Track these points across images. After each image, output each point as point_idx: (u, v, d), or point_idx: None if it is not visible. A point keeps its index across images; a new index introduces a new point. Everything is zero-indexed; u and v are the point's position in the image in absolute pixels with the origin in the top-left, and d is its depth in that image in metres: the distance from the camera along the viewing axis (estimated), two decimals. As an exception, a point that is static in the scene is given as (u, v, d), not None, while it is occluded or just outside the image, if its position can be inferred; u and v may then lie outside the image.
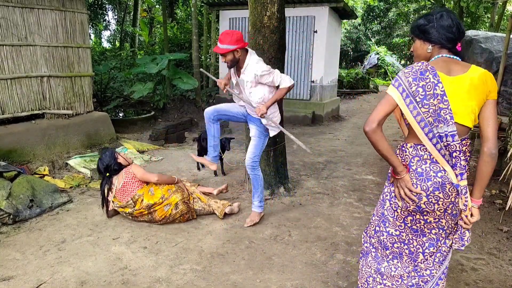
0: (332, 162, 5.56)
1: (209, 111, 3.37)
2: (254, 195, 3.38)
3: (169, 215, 3.30)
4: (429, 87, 1.55)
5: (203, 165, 5.08)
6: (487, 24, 13.16)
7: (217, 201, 3.58)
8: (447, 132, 1.57)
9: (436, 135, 1.58)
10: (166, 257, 2.82)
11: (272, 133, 3.30)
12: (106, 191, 3.39)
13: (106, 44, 21.60)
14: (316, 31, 8.67)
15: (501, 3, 9.80)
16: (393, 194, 1.75)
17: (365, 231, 1.99)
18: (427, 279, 1.80)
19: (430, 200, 1.63)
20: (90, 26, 16.14)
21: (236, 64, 3.07)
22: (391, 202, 1.77)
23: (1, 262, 2.71)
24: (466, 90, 1.57)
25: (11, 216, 3.28)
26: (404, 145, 1.72)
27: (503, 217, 3.59)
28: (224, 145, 4.68)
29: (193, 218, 3.46)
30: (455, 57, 1.65)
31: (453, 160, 1.61)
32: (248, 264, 2.75)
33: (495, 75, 4.86)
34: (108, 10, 20.39)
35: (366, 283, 1.93)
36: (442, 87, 1.54)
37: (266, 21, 3.65)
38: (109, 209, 3.44)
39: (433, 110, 1.56)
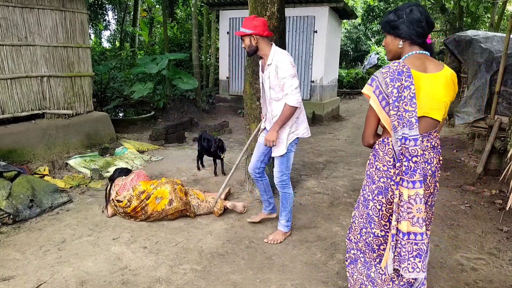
0: (332, 162, 5.56)
1: (253, 166, 3.12)
2: (282, 213, 3.11)
3: (162, 210, 3.32)
4: (401, 89, 1.58)
5: (203, 165, 5.08)
6: (487, 24, 13.15)
7: (215, 197, 3.59)
8: (409, 136, 1.58)
9: (400, 137, 1.60)
10: (166, 257, 2.82)
11: (280, 152, 2.90)
12: (109, 190, 3.55)
13: (106, 44, 21.60)
14: (316, 31, 8.67)
15: (501, 3, 9.79)
16: (375, 192, 1.74)
17: (348, 237, 1.94)
18: None
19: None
20: (90, 26, 16.15)
21: (255, 53, 2.87)
22: (375, 200, 1.76)
23: (1, 262, 2.71)
24: (442, 87, 1.64)
25: (11, 216, 3.28)
26: (385, 139, 1.74)
27: (503, 217, 3.59)
28: (223, 147, 4.70)
29: (190, 215, 3.45)
30: (426, 52, 1.70)
31: (413, 165, 1.59)
32: (248, 264, 2.75)
33: (495, 75, 4.85)
34: (108, 10, 20.38)
35: None
36: (413, 90, 1.57)
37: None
38: (109, 210, 3.47)
39: (400, 113, 1.59)
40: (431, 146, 1.70)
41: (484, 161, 4.54)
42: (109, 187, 3.59)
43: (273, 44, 2.87)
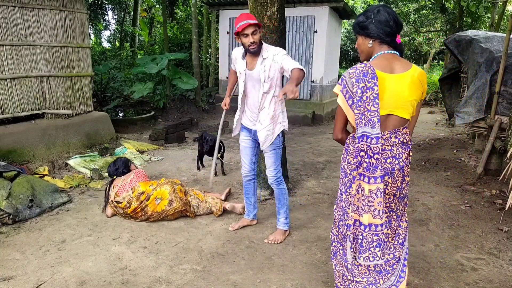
0: (332, 162, 5.55)
1: (248, 168, 3.13)
2: (279, 211, 3.10)
3: (162, 210, 3.32)
4: (364, 89, 1.67)
5: (203, 165, 5.08)
6: (487, 24, 13.15)
7: (215, 198, 3.59)
8: (371, 135, 1.67)
9: (360, 135, 1.70)
10: (166, 257, 2.81)
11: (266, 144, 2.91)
12: (108, 191, 3.51)
13: (106, 44, 21.60)
14: (316, 31, 8.67)
15: (501, 3, 9.79)
16: (347, 185, 1.82)
17: (331, 231, 2.02)
18: (392, 262, 1.88)
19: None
20: (90, 26, 16.15)
21: (260, 50, 2.77)
22: (347, 192, 1.82)
23: (1, 262, 2.70)
24: (407, 87, 1.71)
25: (11, 216, 3.28)
26: (354, 134, 1.81)
27: (503, 217, 3.59)
28: (223, 147, 4.70)
29: (190, 215, 3.45)
30: (395, 52, 1.77)
31: (374, 161, 1.69)
32: (248, 264, 2.75)
33: (495, 75, 4.85)
34: (108, 10, 20.38)
35: (342, 281, 1.96)
36: (377, 91, 1.66)
37: (266, 21, 3.65)
38: (109, 210, 3.46)
39: (362, 112, 1.68)
40: (400, 142, 1.77)
41: (484, 161, 4.54)
42: (108, 187, 3.58)
43: (263, 42, 2.87)
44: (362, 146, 1.69)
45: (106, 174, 4.57)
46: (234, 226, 3.30)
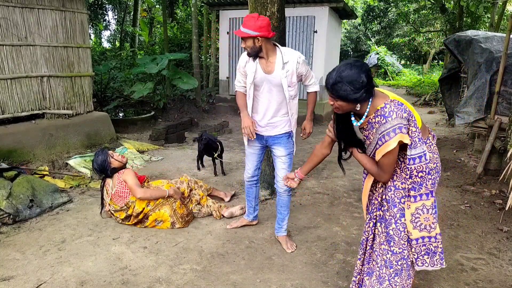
0: (332, 162, 5.55)
1: (252, 173, 3.06)
2: (284, 218, 3.00)
3: (167, 228, 3.27)
4: (412, 115, 1.76)
5: (203, 165, 5.08)
6: (487, 24, 13.15)
7: (215, 203, 3.57)
8: (415, 155, 1.77)
9: (410, 157, 1.78)
10: (166, 257, 2.82)
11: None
12: (102, 191, 3.44)
13: (106, 44, 21.62)
14: (316, 31, 8.67)
15: (501, 3, 9.79)
16: (398, 215, 1.88)
17: (392, 251, 1.95)
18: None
19: None
20: (90, 26, 16.12)
21: (257, 55, 2.65)
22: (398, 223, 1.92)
23: (1, 262, 2.71)
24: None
25: (11, 216, 3.28)
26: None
27: (503, 217, 3.59)
28: (221, 147, 4.71)
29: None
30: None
31: (418, 180, 1.83)
32: (248, 264, 2.75)
33: (495, 75, 4.85)
34: (108, 10, 20.40)
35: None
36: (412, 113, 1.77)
37: (266, 21, 3.65)
38: (105, 209, 3.42)
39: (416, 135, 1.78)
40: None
41: (484, 161, 4.54)
42: (101, 189, 3.43)
43: (274, 42, 2.74)
44: (419, 167, 1.77)
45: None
46: (233, 225, 3.30)
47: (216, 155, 4.66)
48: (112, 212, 3.34)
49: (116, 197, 3.30)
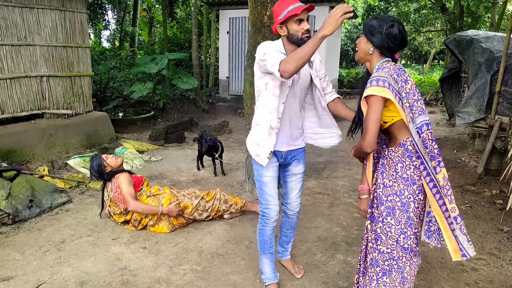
0: (332, 162, 5.55)
1: (277, 208, 2.35)
2: (291, 240, 2.67)
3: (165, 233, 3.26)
4: (406, 82, 1.69)
5: (203, 165, 5.07)
6: (487, 23, 13.15)
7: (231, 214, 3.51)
8: (423, 122, 1.67)
9: (420, 125, 1.67)
10: (166, 257, 2.81)
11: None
12: (102, 193, 3.41)
13: (105, 44, 21.57)
14: (316, 31, 8.66)
15: (501, 3, 9.79)
16: (416, 192, 1.76)
17: (379, 250, 1.85)
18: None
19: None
20: (89, 25, 16.13)
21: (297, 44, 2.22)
22: (415, 201, 1.77)
23: (1, 262, 2.70)
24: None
25: (11, 216, 3.27)
26: (388, 150, 1.81)
27: (504, 217, 3.58)
28: (221, 147, 4.71)
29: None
30: None
31: (436, 146, 1.70)
32: (248, 264, 2.75)
33: (496, 74, 4.84)
34: (108, 9, 20.38)
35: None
36: (413, 81, 1.71)
37: (266, 21, 3.64)
38: (105, 211, 3.40)
39: (412, 104, 1.68)
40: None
41: (484, 161, 4.53)
42: (102, 191, 3.42)
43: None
44: (427, 135, 1.66)
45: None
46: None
47: (217, 155, 4.65)
48: (112, 214, 3.33)
49: (115, 201, 3.29)
